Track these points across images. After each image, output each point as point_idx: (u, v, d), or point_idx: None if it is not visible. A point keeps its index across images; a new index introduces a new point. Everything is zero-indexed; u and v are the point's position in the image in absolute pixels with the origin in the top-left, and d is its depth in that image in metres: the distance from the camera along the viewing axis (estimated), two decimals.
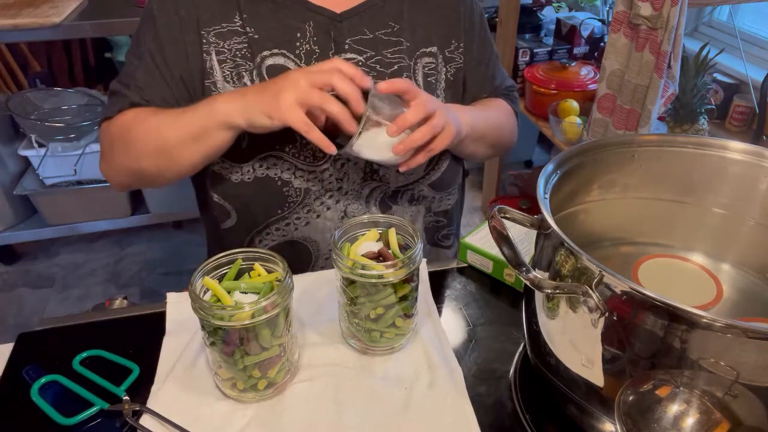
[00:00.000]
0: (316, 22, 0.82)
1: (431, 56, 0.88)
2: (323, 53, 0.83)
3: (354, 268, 0.62)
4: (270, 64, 0.81)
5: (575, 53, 2.10)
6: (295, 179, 0.82)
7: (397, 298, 0.65)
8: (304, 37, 0.82)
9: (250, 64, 0.81)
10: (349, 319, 0.68)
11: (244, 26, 0.81)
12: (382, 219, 0.70)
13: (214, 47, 0.80)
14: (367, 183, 0.86)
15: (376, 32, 0.85)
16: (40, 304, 1.99)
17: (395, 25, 0.86)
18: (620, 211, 0.72)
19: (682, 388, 0.47)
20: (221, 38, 0.81)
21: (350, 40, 0.84)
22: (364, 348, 0.69)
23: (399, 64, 0.86)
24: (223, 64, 0.81)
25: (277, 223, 0.85)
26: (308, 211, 0.85)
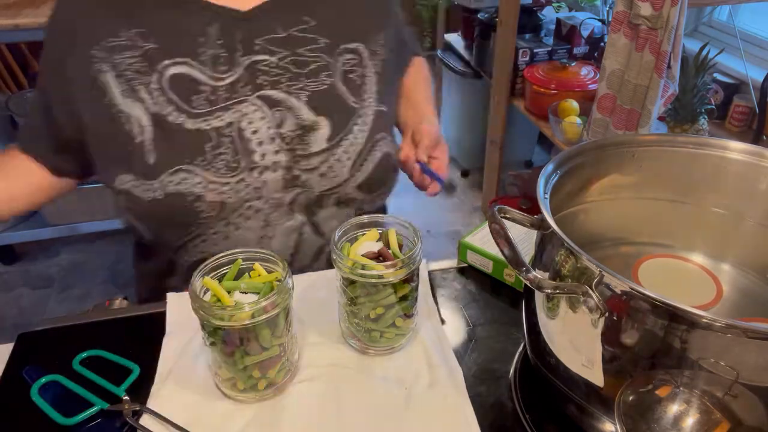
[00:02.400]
0: (220, 23, 0.78)
1: (353, 53, 0.85)
2: (231, 56, 0.78)
3: (354, 268, 0.62)
4: (173, 74, 0.77)
5: (575, 53, 2.10)
6: (208, 193, 0.77)
7: (397, 298, 0.65)
8: (207, 42, 0.77)
9: (146, 77, 0.76)
10: (349, 319, 0.68)
11: (134, 39, 0.76)
12: (382, 219, 0.70)
13: (108, 63, 0.76)
14: (288, 190, 0.81)
15: (290, 30, 0.81)
16: (40, 304, 1.99)
17: (311, 21, 0.82)
18: (620, 211, 0.72)
19: (682, 388, 0.47)
20: (110, 52, 0.76)
21: (260, 39, 0.79)
22: (364, 348, 0.69)
23: (316, 62, 0.82)
24: (118, 78, 0.76)
25: (193, 240, 0.81)
26: (226, 224, 0.80)
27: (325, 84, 0.82)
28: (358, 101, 0.84)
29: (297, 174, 0.81)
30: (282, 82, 0.80)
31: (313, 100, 0.81)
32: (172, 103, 0.77)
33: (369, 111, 0.85)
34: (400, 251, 0.67)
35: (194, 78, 0.77)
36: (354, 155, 0.82)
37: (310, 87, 0.81)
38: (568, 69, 1.98)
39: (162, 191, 0.76)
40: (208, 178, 0.76)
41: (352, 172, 0.83)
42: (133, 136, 0.76)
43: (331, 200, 0.85)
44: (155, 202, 0.76)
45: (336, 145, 0.81)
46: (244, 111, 0.78)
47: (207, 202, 0.77)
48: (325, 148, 0.81)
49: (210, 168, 0.77)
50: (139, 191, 0.77)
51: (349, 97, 0.83)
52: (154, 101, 0.76)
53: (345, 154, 0.82)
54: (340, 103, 0.83)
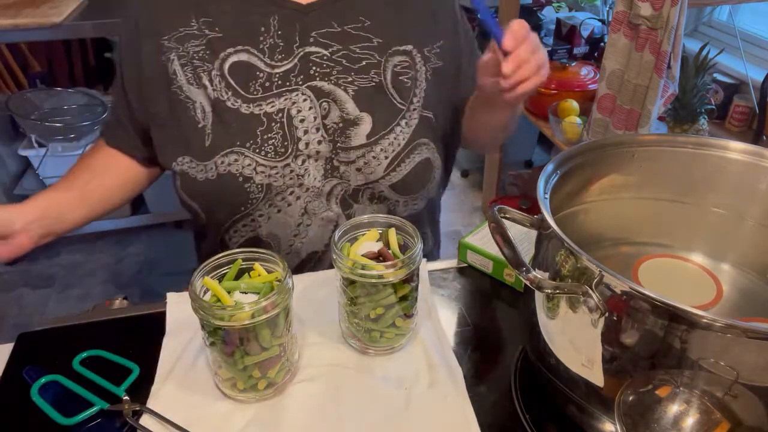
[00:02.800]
0: (281, 15, 0.81)
1: (405, 55, 0.86)
2: (288, 47, 0.82)
3: (354, 268, 0.62)
4: (234, 62, 0.81)
5: (575, 53, 2.10)
6: (257, 175, 0.81)
7: (397, 298, 0.65)
8: (268, 32, 0.81)
9: (209, 65, 0.81)
10: (349, 319, 0.68)
11: (202, 28, 0.81)
12: (382, 219, 0.70)
13: (175, 52, 0.81)
14: (327, 180, 0.84)
15: (345, 26, 0.83)
16: (40, 304, 1.99)
17: (366, 21, 0.84)
18: (620, 211, 0.72)
19: (682, 388, 0.47)
20: (180, 42, 0.81)
21: (316, 32, 0.82)
22: (364, 348, 0.69)
23: (367, 60, 0.84)
24: (185, 67, 0.81)
25: (243, 219, 0.85)
26: (270, 206, 0.84)
27: (374, 81, 0.84)
28: (405, 103, 0.86)
29: (336, 165, 0.84)
30: (332, 74, 0.82)
31: (360, 95, 0.83)
32: (231, 89, 0.81)
33: (414, 114, 0.86)
34: (401, 251, 0.67)
35: (253, 65, 0.81)
36: (391, 155, 0.84)
37: (358, 82, 0.83)
38: (568, 69, 1.98)
39: (215, 171, 0.80)
40: (257, 161, 0.80)
41: (387, 170, 0.85)
42: (197, 121, 0.81)
43: (366, 195, 0.87)
44: (208, 183, 0.81)
45: (375, 143, 0.83)
46: (294, 99, 0.81)
47: (255, 183, 0.81)
48: (364, 144, 0.83)
49: (260, 151, 0.80)
50: (195, 172, 0.82)
51: (396, 97, 0.85)
52: (214, 87, 0.80)
53: (382, 153, 0.83)
54: (385, 102, 0.85)
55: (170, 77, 0.81)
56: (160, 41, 0.81)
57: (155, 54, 0.81)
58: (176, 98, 0.81)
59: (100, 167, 0.90)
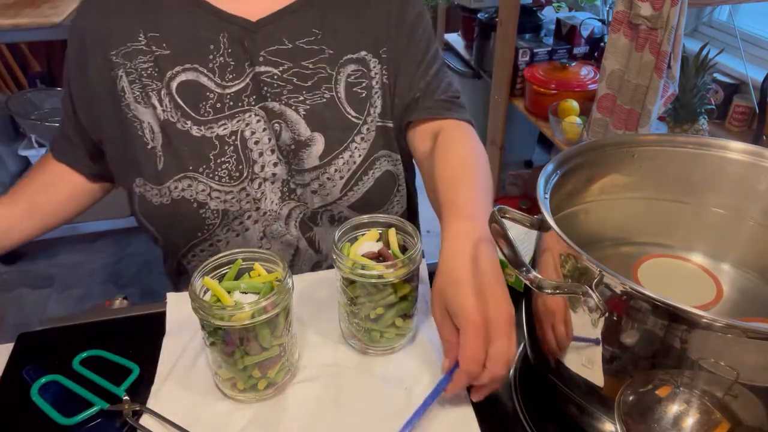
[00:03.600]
0: (230, 32, 0.78)
1: (358, 62, 0.82)
2: (239, 66, 0.78)
3: (354, 268, 0.62)
4: (182, 81, 0.78)
5: (575, 53, 2.10)
6: (212, 201, 0.78)
7: (397, 298, 0.65)
8: (218, 50, 0.78)
9: (158, 83, 0.77)
10: (349, 319, 0.68)
11: (149, 44, 0.77)
12: (382, 219, 0.70)
13: (123, 68, 0.78)
14: (285, 203, 0.82)
15: (297, 41, 0.80)
16: (40, 304, 1.99)
17: (318, 32, 0.81)
18: (620, 211, 0.72)
19: (682, 388, 0.47)
20: (128, 58, 0.78)
21: (265, 51, 0.79)
22: (364, 348, 0.69)
23: (319, 75, 0.80)
24: (133, 84, 0.78)
25: (200, 245, 0.83)
26: (228, 230, 0.81)
27: (325, 97, 0.81)
28: (361, 116, 0.82)
29: (293, 188, 0.81)
30: (283, 94, 0.79)
31: (311, 115, 0.80)
32: (180, 109, 0.78)
33: (372, 127, 0.83)
34: (401, 251, 0.67)
35: (202, 84, 0.78)
36: (347, 174, 0.81)
37: (309, 100, 0.80)
38: (568, 69, 1.98)
39: (169, 196, 0.77)
40: (211, 186, 0.77)
41: (344, 191, 0.81)
42: (146, 141, 0.78)
43: (325, 217, 0.84)
44: (163, 207, 0.78)
45: (328, 163, 0.80)
46: (247, 120, 0.79)
47: (211, 209, 0.78)
48: (317, 166, 0.80)
49: (214, 176, 0.78)
50: (150, 195, 0.78)
51: (350, 111, 0.82)
52: (164, 108, 0.78)
53: (337, 173, 0.80)
54: (339, 118, 0.81)
55: (119, 94, 0.78)
56: (108, 56, 0.78)
57: (103, 69, 0.78)
58: (124, 116, 0.78)
59: (48, 181, 0.87)
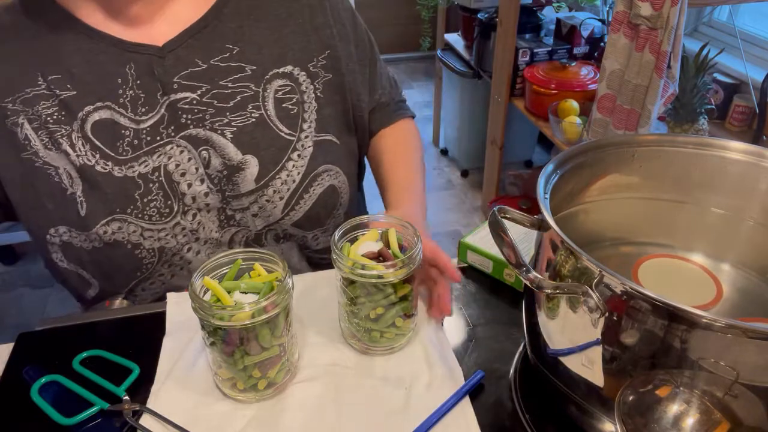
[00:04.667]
0: (136, 62, 0.73)
1: (285, 77, 0.78)
2: (150, 97, 0.73)
3: (354, 268, 0.62)
4: (95, 121, 0.72)
5: (575, 53, 2.11)
6: (145, 240, 0.75)
7: (398, 297, 0.65)
8: (126, 83, 0.73)
9: (66, 128, 0.72)
10: (349, 319, 0.68)
11: (51, 88, 0.72)
12: (382, 219, 0.70)
13: (24, 115, 0.72)
14: (225, 230, 0.78)
15: (211, 60, 0.75)
16: (40, 304, 1.99)
17: (234, 48, 0.76)
18: (620, 211, 0.72)
19: (682, 388, 0.47)
20: (28, 105, 0.72)
21: (179, 77, 0.74)
22: (365, 348, 0.69)
23: (242, 94, 0.76)
24: (39, 131, 0.72)
25: (142, 283, 0.79)
26: (169, 266, 0.78)
27: (253, 117, 0.77)
28: (294, 133, 0.79)
29: (231, 214, 0.78)
30: (206, 119, 0.75)
31: (240, 137, 0.76)
32: (98, 150, 0.73)
33: (308, 143, 0.80)
34: (401, 251, 0.67)
35: (116, 122, 0.73)
36: (287, 194, 0.78)
37: (236, 122, 0.76)
38: (568, 69, 1.98)
39: (100, 241, 0.74)
40: (142, 226, 0.74)
41: (285, 211, 0.79)
42: (64, 187, 0.73)
43: (270, 237, 0.81)
44: (96, 251, 0.75)
45: (265, 186, 0.77)
46: (169, 153, 0.75)
47: (146, 248, 0.75)
48: (253, 189, 0.77)
49: (143, 216, 0.74)
50: (77, 241, 0.75)
51: (282, 129, 0.78)
52: (77, 153, 0.72)
53: (276, 194, 0.78)
54: (271, 137, 0.77)
55: (22, 143, 0.72)
56: (2, 104, 0.72)
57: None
58: (32, 165, 0.72)
59: None
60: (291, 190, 0.78)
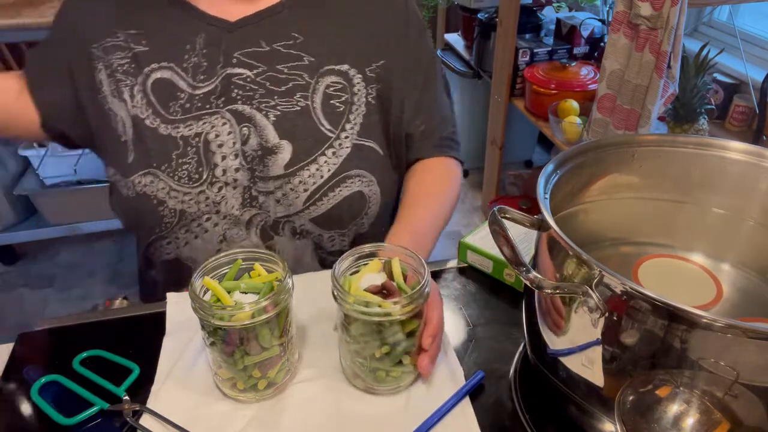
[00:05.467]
0: (207, 33, 0.78)
1: (339, 75, 0.80)
2: (211, 67, 0.78)
3: (357, 305, 0.58)
4: (157, 79, 0.78)
5: (575, 53, 2.10)
6: (170, 200, 0.77)
7: (405, 335, 0.61)
8: (193, 50, 0.78)
9: (132, 79, 0.78)
10: (352, 358, 0.64)
11: (128, 41, 0.78)
12: (384, 248, 0.65)
13: (102, 62, 0.79)
14: (246, 209, 0.79)
15: (275, 44, 0.78)
16: (40, 304, 1.99)
17: (299, 37, 0.79)
18: (620, 211, 0.72)
19: (682, 388, 0.47)
20: (106, 53, 0.79)
21: (240, 53, 0.78)
22: (369, 388, 0.65)
23: (295, 81, 0.78)
24: (109, 78, 0.79)
25: (159, 241, 0.82)
26: (186, 231, 0.80)
27: (299, 105, 0.78)
28: (335, 130, 0.79)
29: (255, 195, 0.79)
30: (254, 98, 0.78)
31: (282, 121, 0.78)
32: (151, 107, 0.78)
33: (347, 143, 0.80)
34: (404, 281, 0.64)
35: (174, 84, 0.78)
36: (312, 187, 0.78)
37: (281, 106, 0.78)
38: (568, 69, 1.98)
39: (133, 190, 0.78)
40: (170, 185, 0.77)
41: (306, 204, 0.79)
42: (119, 134, 0.79)
43: (287, 228, 0.82)
44: (128, 200, 0.79)
45: (292, 174, 0.78)
46: (213, 123, 0.78)
47: (168, 207, 0.78)
48: (281, 175, 0.78)
49: (173, 175, 0.77)
50: (120, 186, 0.80)
51: (324, 123, 0.79)
52: (133, 104, 0.78)
53: (301, 185, 0.78)
54: (310, 128, 0.79)
55: (97, 86, 0.79)
56: (89, 49, 0.79)
57: (85, 63, 0.79)
58: (102, 108, 0.79)
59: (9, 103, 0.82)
60: (317, 185, 0.79)
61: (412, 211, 0.82)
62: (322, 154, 0.79)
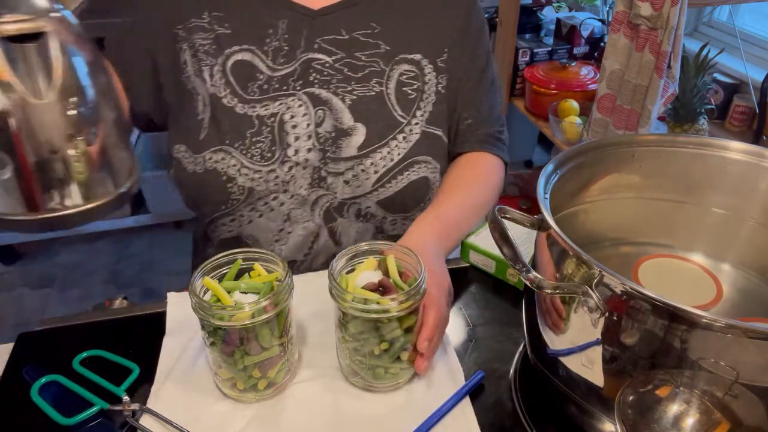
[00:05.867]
0: (290, 18, 0.81)
1: (412, 64, 0.83)
2: (291, 51, 0.81)
3: (355, 302, 0.59)
4: (237, 60, 0.81)
5: (575, 53, 2.10)
6: (240, 177, 0.80)
7: (402, 331, 0.62)
8: (275, 34, 0.81)
9: (212, 60, 0.81)
10: (350, 356, 0.64)
11: (212, 23, 0.81)
12: (379, 246, 0.65)
13: (186, 42, 0.81)
14: (314, 189, 0.82)
15: (354, 32, 0.82)
16: (40, 304, 1.99)
17: (376, 27, 0.82)
18: (620, 211, 0.72)
19: (682, 388, 0.47)
20: (190, 33, 0.81)
21: (321, 39, 0.81)
22: (367, 386, 0.65)
23: (371, 68, 0.82)
24: (193, 58, 0.81)
25: (223, 218, 0.84)
26: (252, 209, 0.82)
27: (374, 91, 0.82)
28: (407, 116, 0.83)
29: (324, 176, 0.82)
30: (332, 82, 0.81)
31: (357, 105, 0.81)
32: (230, 86, 0.81)
33: (416, 129, 0.83)
34: (400, 278, 0.64)
35: (254, 65, 0.81)
36: (382, 170, 0.81)
37: (357, 91, 0.82)
38: (568, 69, 1.98)
39: (203, 166, 0.80)
40: (242, 162, 0.80)
41: (375, 186, 0.82)
42: (197, 112, 0.81)
43: (351, 210, 0.84)
44: (195, 175, 0.81)
45: (365, 156, 0.81)
46: (289, 104, 0.81)
47: (238, 184, 0.80)
48: (354, 156, 0.81)
49: (246, 153, 0.80)
50: (186, 162, 0.81)
51: (396, 109, 0.82)
52: (213, 83, 0.80)
53: (372, 167, 0.81)
54: (384, 113, 0.82)
55: (181, 66, 0.82)
56: (174, 30, 0.81)
57: (169, 44, 0.82)
58: (184, 87, 0.82)
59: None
60: (387, 168, 0.82)
61: (443, 200, 0.83)
62: (394, 138, 0.82)
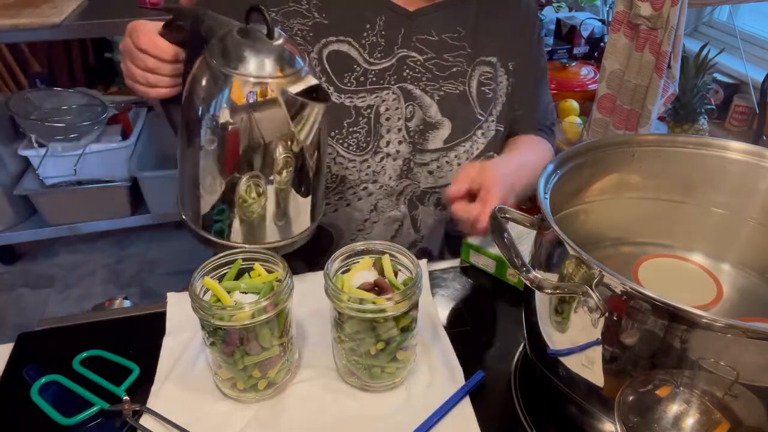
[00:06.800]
0: (388, 16, 0.84)
1: (489, 66, 0.89)
2: (388, 47, 0.84)
3: (352, 302, 0.59)
4: (333, 50, 0.83)
5: (575, 53, 2.10)
6: (334, 165, 0.83)
7: (399, 330, 0.62)
8: (373, 29, 0.84)
9: (309, 46, 0.82)
10: (347, 356, 0.64)
11: (311, 10, 0.83)
12: (374, 246, 0.65)
13: (281, 26, 0.82)
14: (401, 180, 0.87)
15: (443, 35, 0.86)
16: (40, 304, 1.99)
17: (462, 31, 0.87)
18: (620, 211, 0.72)
19: (682, 388, 0.47)
20: (286, 17, 0.82)
21: (416, 38, 0.85)
22: (364, 386, 0.65)
23: (456, 67, 0.87)
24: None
25: None
26: (339, 198, 0.86)
27: (458, 90, 0.87)
28: (485, 114, 0.88)
29: (411, 166, 0.86)
30: (422, 80, 0.86)
31: (444, 102, 0.86)
32: (326, 75, 0.83)
33: (492, 126, 0.89)
34: (395, 278, 0.64)
35: (352, 57, 0.84)
36: (464, 162, 0.86)
37: (444, 88, 0.87)
38: (568, 69, 1.98)
39: None
40: (338, 151, 0.83)
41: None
42: None
43: (432, 199, 0.89)
44: None
45: (450, 148, 0.87)
46: (384, 97, 0.84)
47: (331, 173, 0.83)
48: (440, 148, 0.86)
49: (343, 142, 0.83)
50: None
51: (477, 107, 0.88)
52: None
53: (456, 159, 0.86)
54: (467, 110, 0.88)
55: None
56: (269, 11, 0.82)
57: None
58: None
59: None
60: (468, 160, 0.87)
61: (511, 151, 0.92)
62: (474, 134, 0.88)
